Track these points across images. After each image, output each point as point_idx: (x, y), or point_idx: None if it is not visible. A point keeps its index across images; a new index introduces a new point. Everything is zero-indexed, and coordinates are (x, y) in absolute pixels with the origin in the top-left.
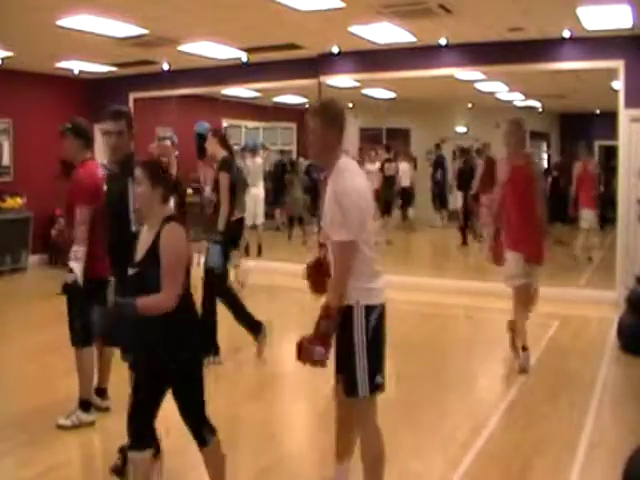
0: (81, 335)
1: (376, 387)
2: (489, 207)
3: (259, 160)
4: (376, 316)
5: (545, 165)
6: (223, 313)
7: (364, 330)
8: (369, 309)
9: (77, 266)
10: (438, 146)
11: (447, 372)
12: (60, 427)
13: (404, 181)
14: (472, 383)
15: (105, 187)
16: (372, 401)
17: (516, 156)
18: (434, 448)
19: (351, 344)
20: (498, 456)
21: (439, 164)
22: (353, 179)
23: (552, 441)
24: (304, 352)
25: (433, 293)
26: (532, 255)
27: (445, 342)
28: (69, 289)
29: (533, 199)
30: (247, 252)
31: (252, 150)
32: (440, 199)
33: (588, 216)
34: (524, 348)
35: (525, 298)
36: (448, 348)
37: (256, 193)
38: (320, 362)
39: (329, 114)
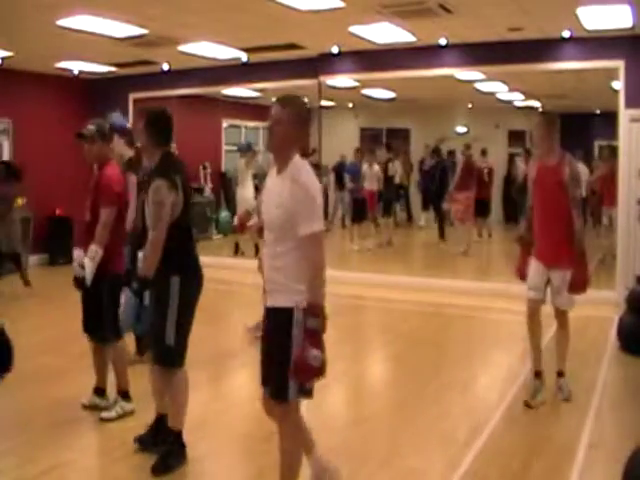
0: (113, 330)
1: (304, 392)
2: (465, 205)
3: (242, 161)
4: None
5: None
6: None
7: (302, 334)
8: (305, 311)
9: (91, 266)
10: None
11: (447, 372)
12: (104, 420)
13: (396, 180)
14: (473, 383)
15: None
16: (298, 405)
17: (547, 155)
18: (434, 448)
19: (288, 348)
20: (498, 456)
21: (424, 165)
22: (314, 177)
23: (552, 441)
24: (301, 367)
25: (433, 293)
26: (553, 264)
27: (445, 342)
28: (99, 287)
29: (561, 208)
30: (236, 252)
31: (240, 151)
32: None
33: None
34: (536, 373)
35: (530, 315)
36: (448, 348)
37: (242, 192)
38: (320, 370)
39: (300, 109)
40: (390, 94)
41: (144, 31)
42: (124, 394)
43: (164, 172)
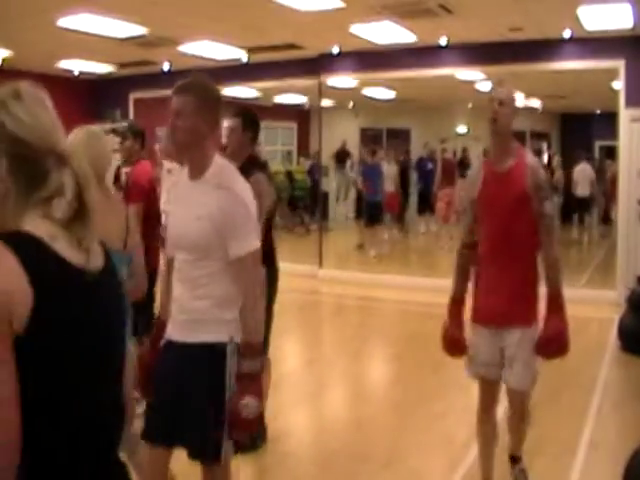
0: (145, 326)
1: (243, 445)
2: (445, 202)
3: None
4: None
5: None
6: None
7: (234, 375)
8: (238, 347)
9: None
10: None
11: (447, 371)
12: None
13: None
14: (473, 383)
15: None
16: (229, 464)
17: (500, 156)
18: (434, 448)
19: (221, 394)
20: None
21: (422, 166)
22: (246, 182)
23: (552, 441)
24: (233, 420)
25: (433, 293)
26: (506, 321)
27: None
28: None
29: (523, 235)
30: None
31: None
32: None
33: None
34: None
35: (484, 407)
36: None
37: None
38: (254, 423)
39: (205, 93)
40: (390, 94)
41: (145, 31)
42: None
43: (260, 166)
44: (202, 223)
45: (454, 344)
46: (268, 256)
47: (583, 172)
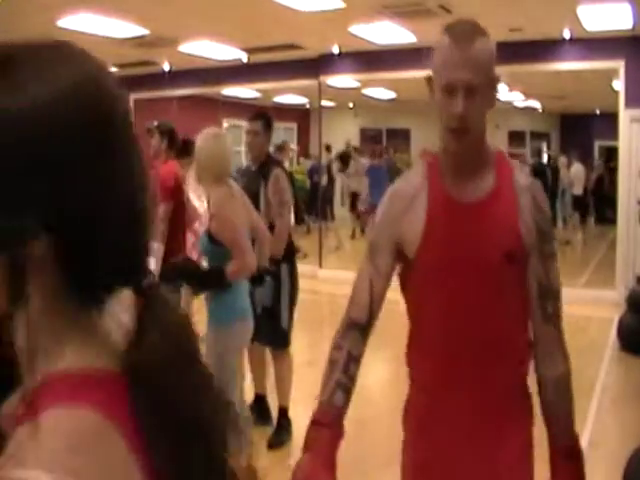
0: None
1: None
2: None
3: None
4: None
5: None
6: None
7: None
8: None
9: (153, 261)
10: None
11: None
12: None
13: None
14: None
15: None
16: None
17: (464, 169)
18: None
19: None
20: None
21: None
22: None
23: None
24: None
25: None
26: None
27: None
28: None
29: (518, 329)
30: None
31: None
32: None
33: None
34: None
35: None
36: None
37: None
38: None
39: None
40: (390, 94)
41: (145, 31)
42: None
43: (278, 164)
44: None
45: None
46: (290, 252)
47: (578, 172)
